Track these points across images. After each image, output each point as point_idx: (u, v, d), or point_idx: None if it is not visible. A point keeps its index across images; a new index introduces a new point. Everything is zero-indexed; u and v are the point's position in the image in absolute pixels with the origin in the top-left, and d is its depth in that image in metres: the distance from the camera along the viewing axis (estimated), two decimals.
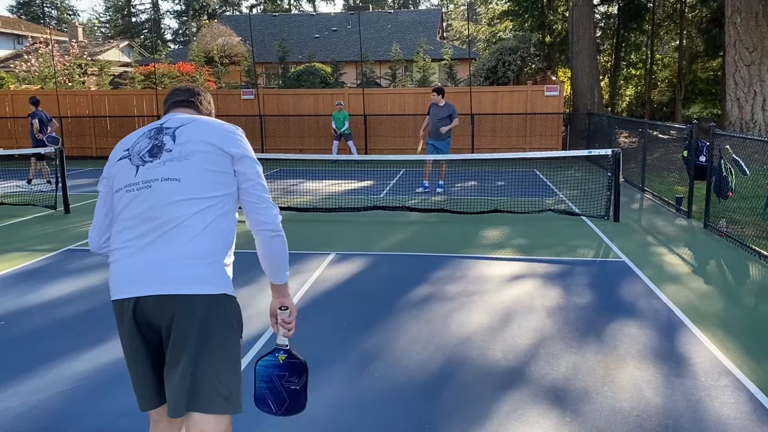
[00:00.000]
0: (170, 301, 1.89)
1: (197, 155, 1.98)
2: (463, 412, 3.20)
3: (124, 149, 2.08)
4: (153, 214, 1.93)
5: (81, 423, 3.13)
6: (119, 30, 57.71)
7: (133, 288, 1.91)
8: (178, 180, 1.95)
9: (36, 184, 11.73)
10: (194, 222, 1.94)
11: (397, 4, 59.73)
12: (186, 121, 2.08)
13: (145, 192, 1.95)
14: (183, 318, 1.90)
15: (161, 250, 1.91)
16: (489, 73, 19.24)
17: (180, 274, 1.89)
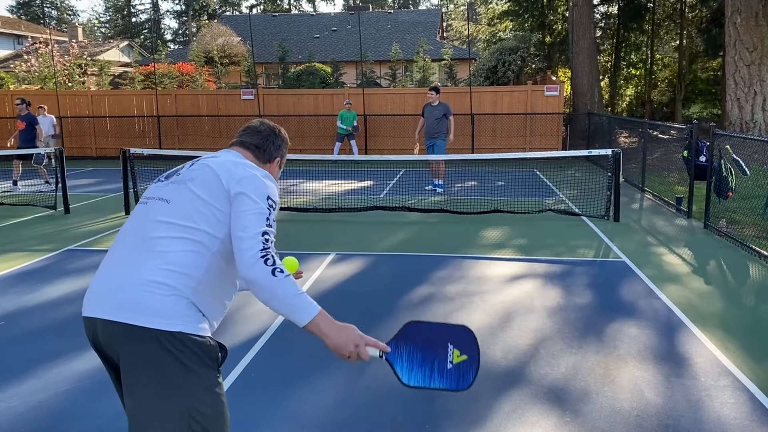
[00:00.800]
0: (118, 329, 1.73)
1: (197, 184, 1.86)
2: (463, 412, 3.20)
3: (165, 176, 2.05)
4: (140, 233, 1.84)
5: (81, 423, 3.13)
6: (119, 30, 57.71)
7: (94, 307, 1.80)
8: (167, 201, 1.86)
9: (35, 185, 11.73)
10: (169, 247, 1.77)
11: (397, 4, 59.72)
12: (219, 155, 1.99)
13: (141, 208, 1.92)
14: (131, 352, 1.73)
15: (131, 272, 1.77)
16: (489, 73, 19.24)
17: (135, 301, 1.72)
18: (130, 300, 1.72)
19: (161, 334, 1.70)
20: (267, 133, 2.14)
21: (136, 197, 8.92)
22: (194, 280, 1.78)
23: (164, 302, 1.72)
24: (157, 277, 1.73)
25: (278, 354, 3.97)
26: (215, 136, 17.24)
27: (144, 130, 17.46)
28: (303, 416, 3.19)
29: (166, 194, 1.87)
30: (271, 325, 4.45)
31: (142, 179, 10.54)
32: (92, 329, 1.80)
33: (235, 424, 3.11)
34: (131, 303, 1.71)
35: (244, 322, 4.54)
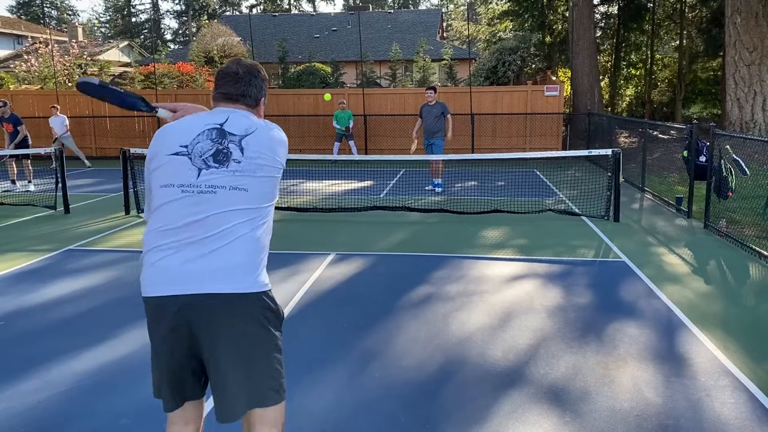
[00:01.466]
0: (215, 299, 1.93)
1: (266, 169, 2.04)
2: (463, 412, 3.20)
3: (181, 145, 2.02)
4: (209, 221, 1.95)
5: (81, 423, 3.13)
6: (119, 30, 57.71)
7: (178, 285, 1.93)
8: (245, 190, 2.00)
9: (36, 185, 11.73)
10: (244, 230, 1.99)
11: (397, 4, 59.72)
12: (249, 129, 2.07)
13: (206, 195, 1.96)
14: (233, 317, 1.96)
15: (211, 257, 1.94)
16: (489, 73, 19.24)
17: (226, 277, 1.94)
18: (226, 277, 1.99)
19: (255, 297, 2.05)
20: (248, 79, 2.15)
21: (137, 197, 8.92)
22: (267, 247, 2.21)
23: (252, 274, 2.06)
24: (242, 255, 2.02)
25: None
26: None
27: (144, 130, 17.46)
28: (303, 416, 3.19)
29: (241, 183, 1.99)
30: None
31: (141, 179, 10.54)
32: (174, 307, 1.97)
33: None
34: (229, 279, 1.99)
35: None
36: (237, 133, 2.04)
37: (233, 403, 1.99)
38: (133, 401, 3.35)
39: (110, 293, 5.25)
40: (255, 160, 2.02)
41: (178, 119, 2.14)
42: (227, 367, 1.97)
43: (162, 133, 2.08)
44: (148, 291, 1.98)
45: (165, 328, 1.98)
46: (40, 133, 17.37)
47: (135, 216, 8.71)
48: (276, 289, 5.28)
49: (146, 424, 3.12)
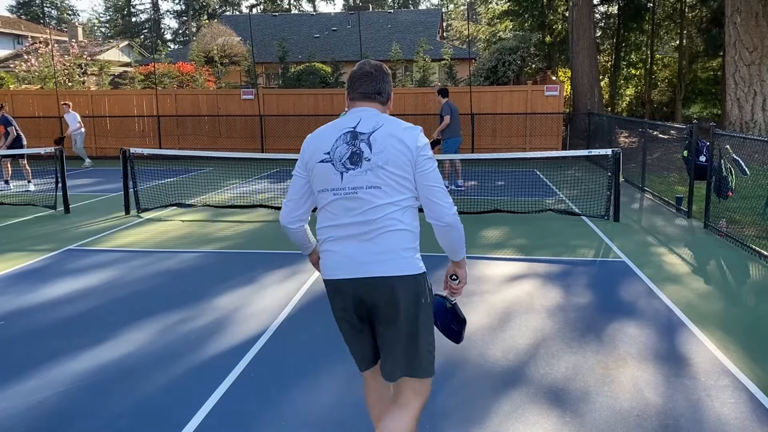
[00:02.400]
0: (381, 282, 2.23)
1: (391, 165, 2.23)
2: (463, 412, 3.20)
3: (324, 152, 2.29)
4: (361, 218, 2.25)
5: (81, 423, 3.13)
6: (119, 30, 57.71)
7: (349, 271, 2.25)
8: (379, 188, 2.23)
9: (37, 184, 11.72)
10: (394, 221, 2.26)
11: (397, 4, 59.71)
12: (376, 125, 2.27)
13: (352, 196, 2.24)
14: (394, 296, 2.24)
15: (368, 246, 2.25)
16: (489, 73, 19.22)
17: (386, 262, 2.24)
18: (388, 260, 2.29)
19: (414, 278, 2.33)
20: (381, 76, 2.38)
21: (137, 197, 8.92)
22: (417, 232, 2.48)
23: (408, 257, 2.37)
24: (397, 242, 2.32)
25: (278, 354, 3.97)
26: (215, 136, 17.24)
27: (144, 129, 17.46)
28: (303, 416, 3.19)
29: (373, 182, 2.23)
30: (271, 325, 4.46)
31: (142, 179, 10.55)
32: (352, 288, 2.28)
33: (234, 424, 3.12)
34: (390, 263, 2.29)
35: (244, 322, 4.54)
36: (366, 132, 2.26)
37: (392, 366, 2.32)
38: (133, 401, 3.35)
39: (110, 293, 5.25)
40: (381, 154, 2.22)
41: (321, 127, 2.39)
42: (394, 340, 2.28)
43: (309, 142, 2.36)
44: (327, 275, 2.33)
45: (343, 306, 2.33)
46: (40, 133, 17.39)
47: (135, 216, 8.71)
48: (276, 289, 5.29)
49: (146, 424, 3.12)
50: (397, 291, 2.23)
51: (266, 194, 10.70)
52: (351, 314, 2.33)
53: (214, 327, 4.44)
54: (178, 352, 4.00)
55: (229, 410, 3.24)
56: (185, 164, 15.23)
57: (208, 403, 3.32)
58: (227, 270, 5.95)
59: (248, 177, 13.09)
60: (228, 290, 5.30)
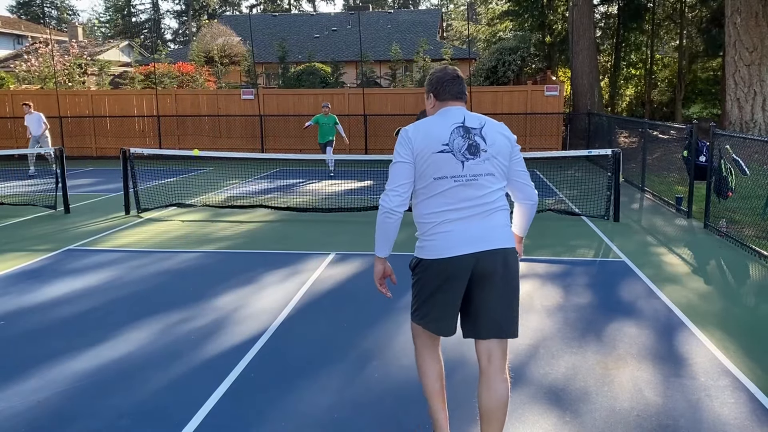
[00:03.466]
0: (500, 252, 2.57)
1: (501, 156, 2.63)
2: (463, 412, 3.20)
3: (443, 143, 2.58)
4: (479, 200, 2.58)
5: (81, 423, 3.13)
6: (119, 30, 57.70)
7: (473, 246, 2.55)
8: (493, 175, 2.61)
9: (36, 184, 11.74)
10: (502, 202, 2.64)
11: (397, 4, 59.71)
12: (481, 122, 2.67)
13: (473, 183, 2.57)
14: (507, 264, 2.59)
15: (487, 222, 2.59)
16: (489, 73, 19.22)
17: (501, 236, 2.60)
18: (501, 236, 2.62)
19: (514, 250, 2.67)
20: (461, 79, 2.75)
21: (137, 197, 8.93)
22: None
23: (510, 233, 2.69)
24: (504, 220, 2.66)
25: (278, 354, 3.98)
26: (215, 136, 17.24)
27: (144, 129, 17.46)
28: (303, 416, 3.19)
29: (490, 170, 2.61)
30: (271, 325, 4.46)
31: (142, 179, 10.54)
32: (470, 261, 2.55)
33: (235, 424, 3.12)
34: (503, 237, 2.62)
35: (244, 322, 4.54)
36: (476, 127, 2.63)
37: (492, 324, 2.61)
38: (133, 401, 3.35)
39: (110, 293, 5.25)
40: (493, 146, 2.62)
41: (422, 122, 2.67)
42: (501, 302, 2.60)
43: (416, 135, 2.60)
44: (448, 253, 2.56)
45: (453, 279, 2.57)
46: None
47: (135, 216, 8.71)
48: (276, 289, 5.29)
49: (146, 424, 3.12)
50: (510, 259, 2.61)
51: (266, 194, 10.70)
52: (459, 287, 2.59)
53: (214, 327, 4.44)
54: (178, 352, 4.00)
55: (229, 410, 3.24)
56: (185, 164, 15.23)
57: (208, 403, 3.32)
58: (227, 270, 5.95)
59: (248, 177, 13.09)
60: (228, 290, 5.30)
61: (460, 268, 2.56)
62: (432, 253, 2.59)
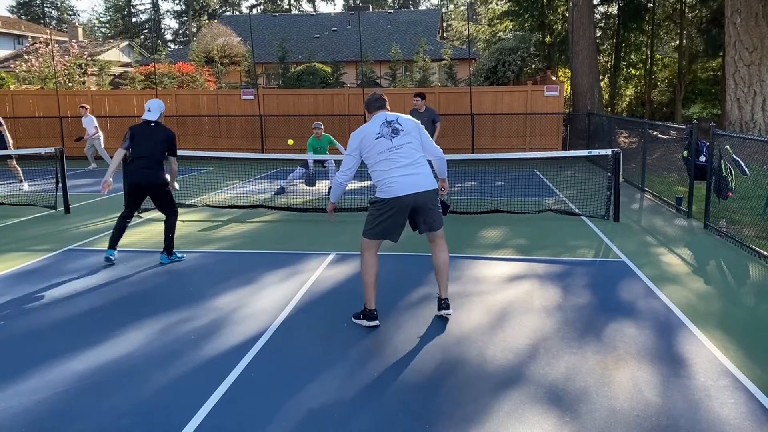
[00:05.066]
0: (427, 193, 4.33)
1: (412, 132, 4.42)
2: (463, 412, 3.20)
3: (376, 134, 4.34)
4: (410, 160, 4.30)
5: (81, 423, 3.13)
6: (119, 30, 57.71)
7: (412, 189, 4.26)
8: (411, 143, 4.36)
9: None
10: (423, 161, 4.39)
11: (397, 5, 59.70)
12: (396, 116, 4.45)
13: (401, 149, 4.32)
14: (431, 199, 4.37)
15: (418, 173, 4.31)
16: (489, 73, 19.23)
17: (429, 182, 4.35)
18: (429, 181, 4.36)
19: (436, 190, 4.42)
20: (383, 99, 4.58)
21: None
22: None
23: (434, 180, 4.44)
24: (429, 171, 4.41)
25: (278, 354, 3.98)
26: (215, 136, 17.24)
27: None
28: (303, 416, 3.19)
29: (409, 140, 4.36)
30: (271, 325, 4.46)
31: None
32: (411, 199, 4.28)
33: (234, 424, 3.12)
34: (430, 182, 4.36)
35: (244, 322, 4.54)
36: (393, 119, 4.42)
37: (429, 228, 4.47)
38: (133, 401, 3.35)
39: (110, 293, 5.25)
40: (407, 127, 4.40)
41: (364, 126, 4.42)
42: (432, 217, 4.42)
43: (358, 134, 4.39)
44: (397, 192, 4.24)
45: (401, 210, 4.31)
46: (40, 133, 17.40)
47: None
48: (276, 289, 5.30)
49: (146, 424, 3.12)
50: (432, 195, 4.37)
51: (266, 194, 10.70)
52: (405, 213, 4.34)
53: (214, 327, 4.44)
54: (178, 352, 4.01)
55: (229, 410, 3.24)
56: (185, 164, 15.23)
57: (208, 403, 3.32)
58: (227, 270, 5.96)
59: (248, 177, 13.09)
60: (228, 290, 5.31)
61: (406, 202, 4.28)
62: (389, 195, 4.27)
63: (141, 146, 6.03)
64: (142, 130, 6.10)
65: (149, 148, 6.01)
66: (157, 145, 6.03)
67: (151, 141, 6.03)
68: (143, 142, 6.03)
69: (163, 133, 6.11)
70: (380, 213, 4.29)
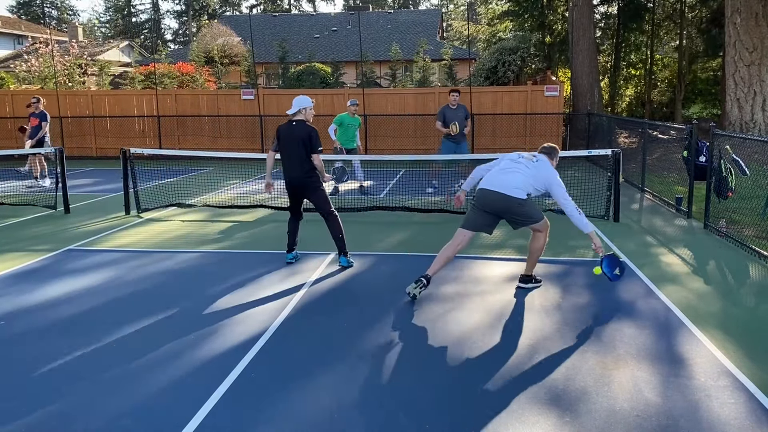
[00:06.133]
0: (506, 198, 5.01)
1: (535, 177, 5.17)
2: (463, 412, 3.20)
3: (518, 156, 5.27)
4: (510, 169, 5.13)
5: (81, 423, 3.13)
6: (119, 30, 57.71)
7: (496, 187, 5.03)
8: (522, 172, 5.06)
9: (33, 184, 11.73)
10: (521, 181, 5.10)
11: (397, 5, 59.71)
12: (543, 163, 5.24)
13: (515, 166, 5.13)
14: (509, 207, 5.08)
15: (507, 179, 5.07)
16: (489, 73, 19.22)
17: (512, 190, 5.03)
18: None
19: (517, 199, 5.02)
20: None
21: (137, 197, 8.93)
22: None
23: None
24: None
25: (278, 354, 3.98)
26: (215, 136, 17.24)
27: (144, 130, 17.46)
28: (303, 416, 3.19)
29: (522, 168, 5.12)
30: (271, 325, 4.46)
31: (142, 179, 10.54)
32: (492, 198, 5.02)
33: (234, 424, 3.12)
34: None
35: (244, 322, 4.54)
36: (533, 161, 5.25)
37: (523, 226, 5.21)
38: (133, 401, 3.35)
39: (110, 293, 5.25)
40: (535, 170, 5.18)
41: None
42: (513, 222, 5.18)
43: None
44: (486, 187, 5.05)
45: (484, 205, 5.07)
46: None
47: (135, 216, 8.71)
48: (276, 289, 5.30)
49: (146, 424, 3.12)
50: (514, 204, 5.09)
51: (266, 194, 10.69)
52: (487, 212, 5.15)
53: (214, 327, 4.44)
54: (178, 352, 4.01)
55: (229, 410, 3.24)
56: (185, 164, 15.23)
57: (208, 403, 3.32)
58: (227, 270, 5.96)
59: (248, 177, 13.09)
60: (228, 290, 5.31)
61: (484, 201, 5.09)
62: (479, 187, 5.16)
63: (284, 146, 5.93)
64: (286, 130, 5.96)
65: (291, 148, 5.87)
66: (298, 143, 5.83)
67: (292, 140, 5.87)
68: (285, 142, 5.91)
69: (303, 131, 5.87)
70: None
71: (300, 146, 5.83)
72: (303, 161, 5.85)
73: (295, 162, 5.86)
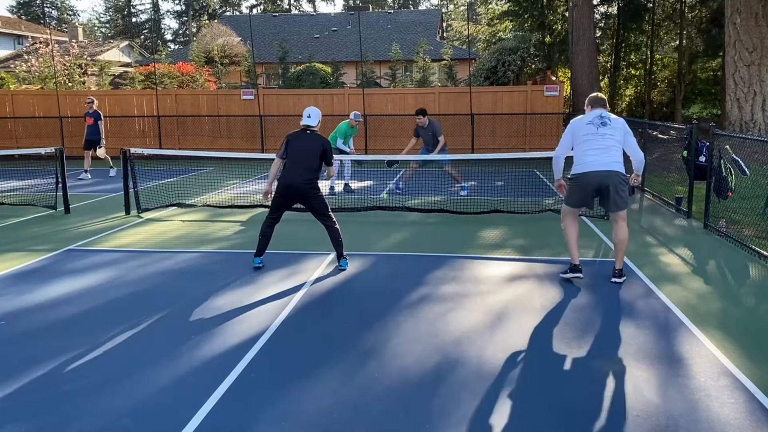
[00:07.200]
0: (610, 173, 5.18)
1: (618, 130, 5.29)
2: (462, 412, 3.20)
3: (588, 122, 5.35)
4: (603, 146, 5.24)
5: (81, 423, 3.13)
6: (119, 30, 57.71)
7: (596, 167, 5.21)
8: (613, 136, 5.25)
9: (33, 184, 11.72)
10: (616, 151, 5.25)
11: (397, 5, 59.71)
12: (609, 114, 5.35)
13: (603, 137, 5.24)
14: (616, 181, 5.19)
15: (605, 157, 5.20)
16: (489, 73, 19.22)
17: (614, 165, 5.23)
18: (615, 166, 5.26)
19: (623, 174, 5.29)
20: (606, 101, 5.66)
21: (137, 197, 8.94)
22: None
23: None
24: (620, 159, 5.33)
25: (278, 354, 3.98)
26: (215, 136, 17.24)
27: (144, 130, 17.47)
28: (303, 416, 3.19)
29: (611, 133, 5.29)
30: (271, 325, 4.46)
31: (142, 179, 10.54)
32: (595, 177, 5.24)
33: (235, 423, 3.12)
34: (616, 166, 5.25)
35: (244, 322, 4.54)
36: (606, 116, 5.32)
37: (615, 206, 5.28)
38: (133, 401, 3.35)
39: (110, 293, 5.25)
40: (614, 124, 5.28)
41: (582, 115, 5.50)
42: (613, 199, 5.24)
43: (577, 120, 5.50)
44: (584, 169, 5.28)
45: (586, 183, 5.30)
46: (40, 133, 17.41)
47: (135, 216, 8.71)
48: (276, 289, 5.30)
49: (146, 424, 3.12)
50: (617, 178, 5.18)
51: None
52: (591, 187, 5.30)
53: (214, 327, 4.44)
54: (178, 352, 4.01)
55: (229, 410, 3.24)
56: (185, 164, 15.23)
57: (208, 403, 3.32)
58: (227, 270, 5.96)
59: (248, 177, 13.09)
60: (228, 290, 5.31)
61: (590, 178, 5.24)
62: (577, 171, 5.33)
63: (292, 153, 5.85)
64: (297, 138, 5.91)
65: (300, 155, 5.81)
66: (310, 152, 5.82)
67: (304, 148, 5.83)
68: (295, 150, 5.84)
69: (317, 141, 5.86)
70: (572, 186, 5.36)
71: (311, 155, 5.82)
72: (309, 169, 5.83)
73: (299, 169, 5.82)
